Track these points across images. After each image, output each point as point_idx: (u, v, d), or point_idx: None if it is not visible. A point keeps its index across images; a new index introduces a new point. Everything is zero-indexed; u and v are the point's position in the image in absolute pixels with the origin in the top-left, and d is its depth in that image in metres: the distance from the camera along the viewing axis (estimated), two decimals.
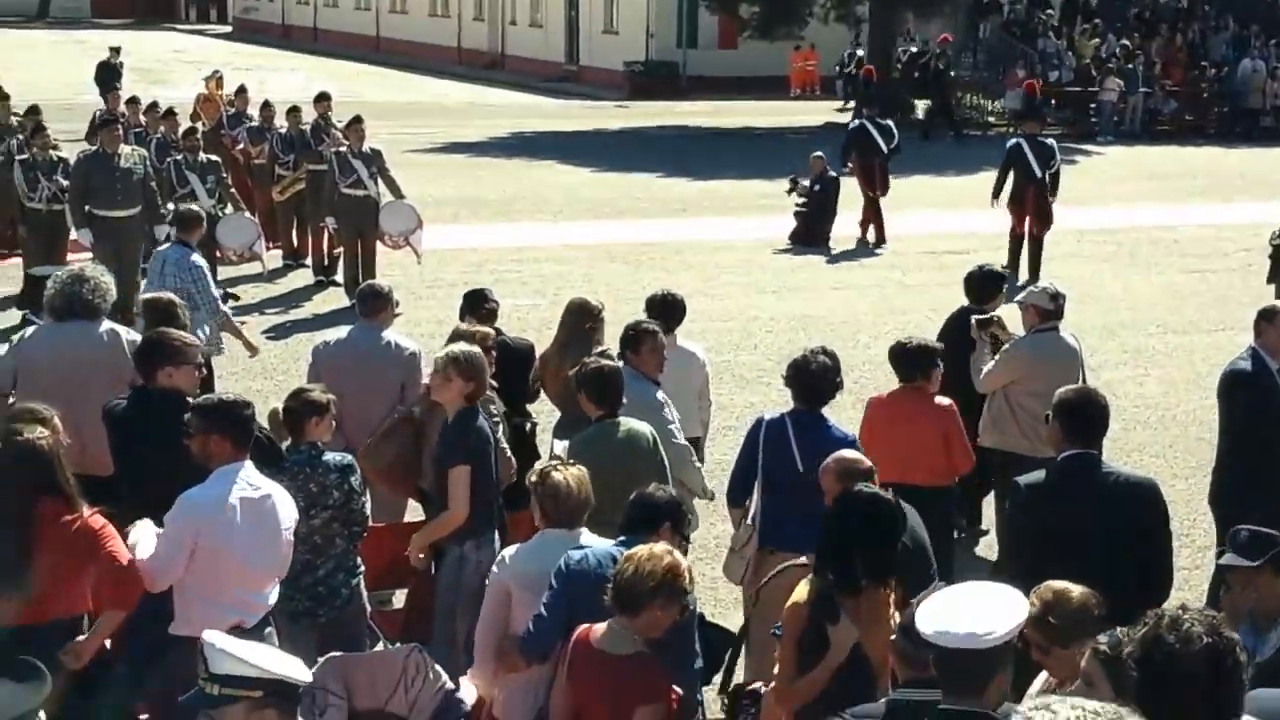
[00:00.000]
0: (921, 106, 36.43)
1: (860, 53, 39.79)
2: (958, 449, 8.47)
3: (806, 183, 21.06)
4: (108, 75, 31.57)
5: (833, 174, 21.01)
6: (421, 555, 7.49)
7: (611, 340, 8.74)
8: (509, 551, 6.37)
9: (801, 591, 5.66)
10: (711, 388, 9.49)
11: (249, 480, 6.30)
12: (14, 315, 14.92)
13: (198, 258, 11.49)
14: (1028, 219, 18.67)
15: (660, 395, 7.99)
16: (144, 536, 6.29)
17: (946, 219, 22.95)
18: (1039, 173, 18.54)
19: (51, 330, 8.37)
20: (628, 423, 7.36)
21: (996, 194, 18.95)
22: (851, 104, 36.78)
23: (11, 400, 7.78)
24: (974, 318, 9.53)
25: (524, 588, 6.10)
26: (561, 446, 7.44)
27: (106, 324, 8.40)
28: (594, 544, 6.01)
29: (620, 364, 7.74)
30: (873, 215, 21.13)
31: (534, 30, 51.30)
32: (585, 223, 22.71)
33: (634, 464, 7.11)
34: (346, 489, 7.04)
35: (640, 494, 6.18)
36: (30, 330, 8.69)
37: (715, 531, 9.39)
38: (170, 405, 6.86)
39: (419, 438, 7.91)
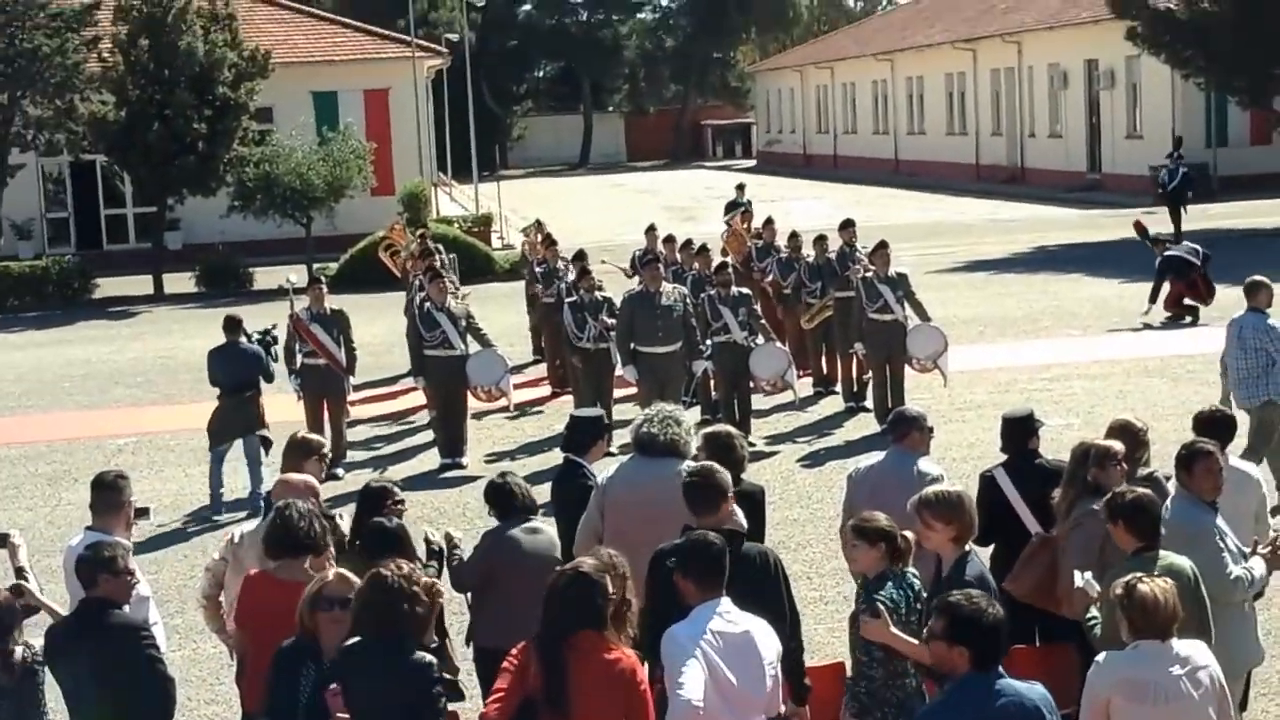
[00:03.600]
0: None
1: None
2: None
3: None
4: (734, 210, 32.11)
5: None
6: None
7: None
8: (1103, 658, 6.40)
9: None
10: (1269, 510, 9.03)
11: (726, 615, 6.42)
12: (556, 455, 15.80)
13: None
14: None
15: (1219, 521, 7.68)
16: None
17: None
18: None
19: (636, 466, 8.51)
20: (1167, 558, 7.08)
21: None
22: None
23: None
24: None
25: (1129, 698, 6.20)
26: (1082, 578, 7.22)
27: (688, 463, 8.30)
28: None
29: (1152, 493, 7.47)
30: None
31: (1053, 141, 50.64)
32: (1118, 336, 22.09)
33: None
34: None
35: None
36: (615, 466, 8.89)
37: None
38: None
39: (1054, 562, 8.02)
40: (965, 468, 13.83)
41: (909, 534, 7.26)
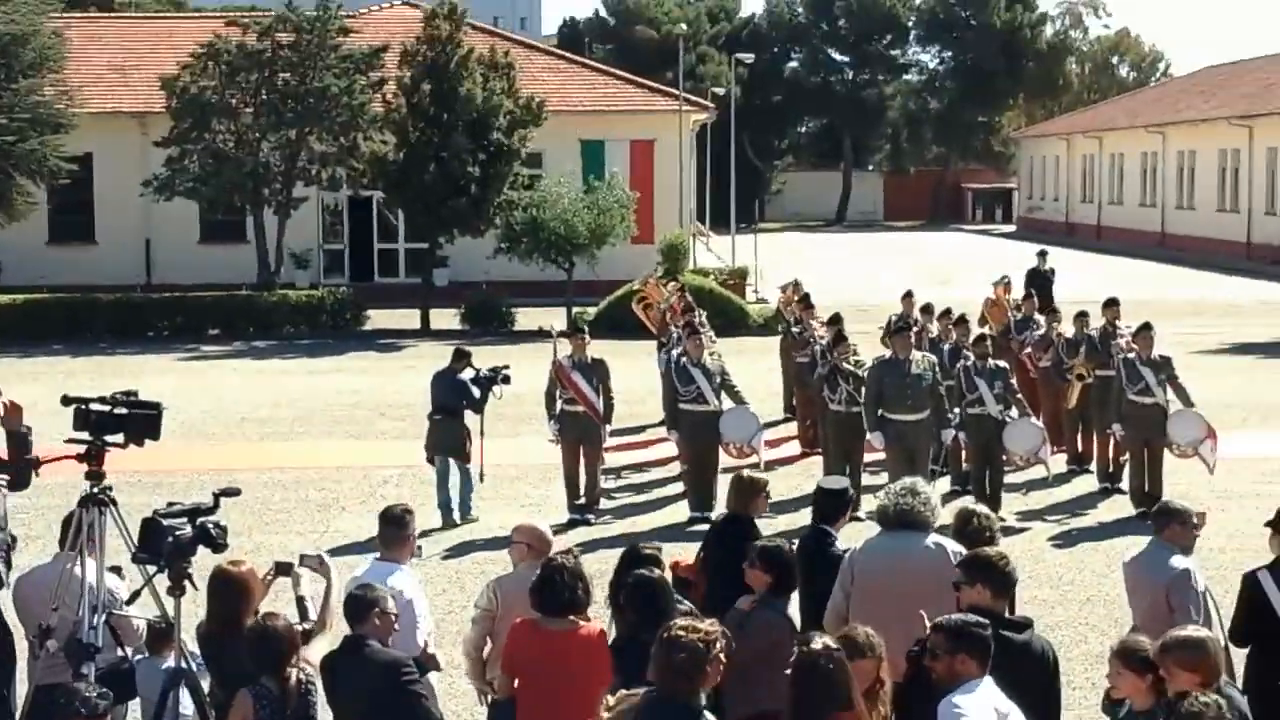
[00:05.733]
0: None
1: None
2: None
3: None
4: (1038, 281, 31.54)
5: None
6: None
7: None
8: None
9: None
10: None
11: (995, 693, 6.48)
12: (803, 515, 15.94)
13: None
14: None
15: None
16: None
17: None
18: None
19: (878, 541, 8.58)
20: None
21: None
22: None
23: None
24: None
25: None
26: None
27: (934, 536, 8.47)
28: None
29: None
30: None
31: None
32: None
33: None
34: None
35: None
36: (861, 541, 8.98)
37: None
38: None
39: None
40: (1224, 559, 13.60)
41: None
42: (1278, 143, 52.50)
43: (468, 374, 16.63)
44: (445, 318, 34.63)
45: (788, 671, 6.27)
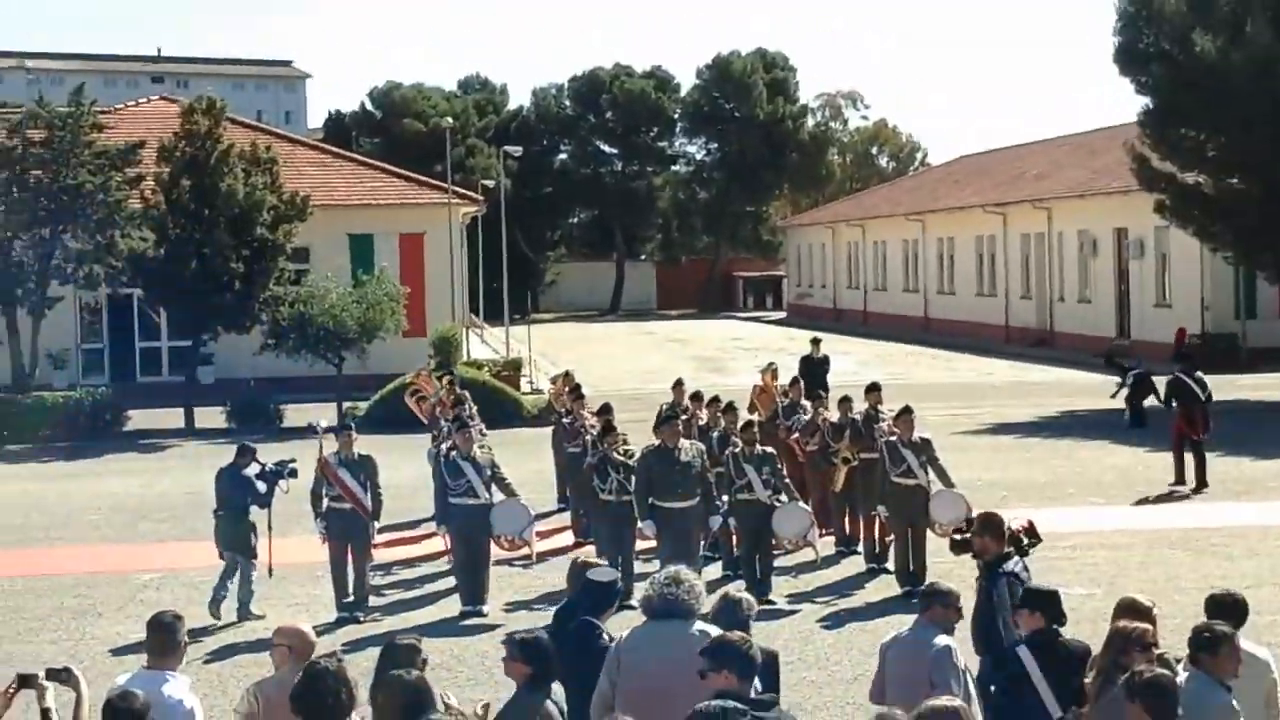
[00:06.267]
0: None
1: None
2: None
3: None
4: (812, 367, 31.15)
5: None
6: None
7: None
8: None
9: None
10: None
11: None
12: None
13: None
14: None
15: (1234, 703, 7.70)
16: None
17: None
18: None
19: (648, 630, 8.45)
20: None
21: None
22: None
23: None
24: None
25: None
26: None
27: (698, 624, 8.35)
28: None
29: (1170, 674, 7.50)
30: None
31: (1083, 305, 50.95)
32: (1142, 508, 22.07)
33: None
34: None
35: None
36: (626, 632, 8.90)
37: None
38: None
39: None
40: None
41: None
42: (1030, 229, 54.54)
43: (253, 469, 16.43)
44: (211, 416, 33.81)
45: None
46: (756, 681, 8.13)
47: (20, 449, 31.51)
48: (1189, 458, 23.51)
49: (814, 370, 31.54)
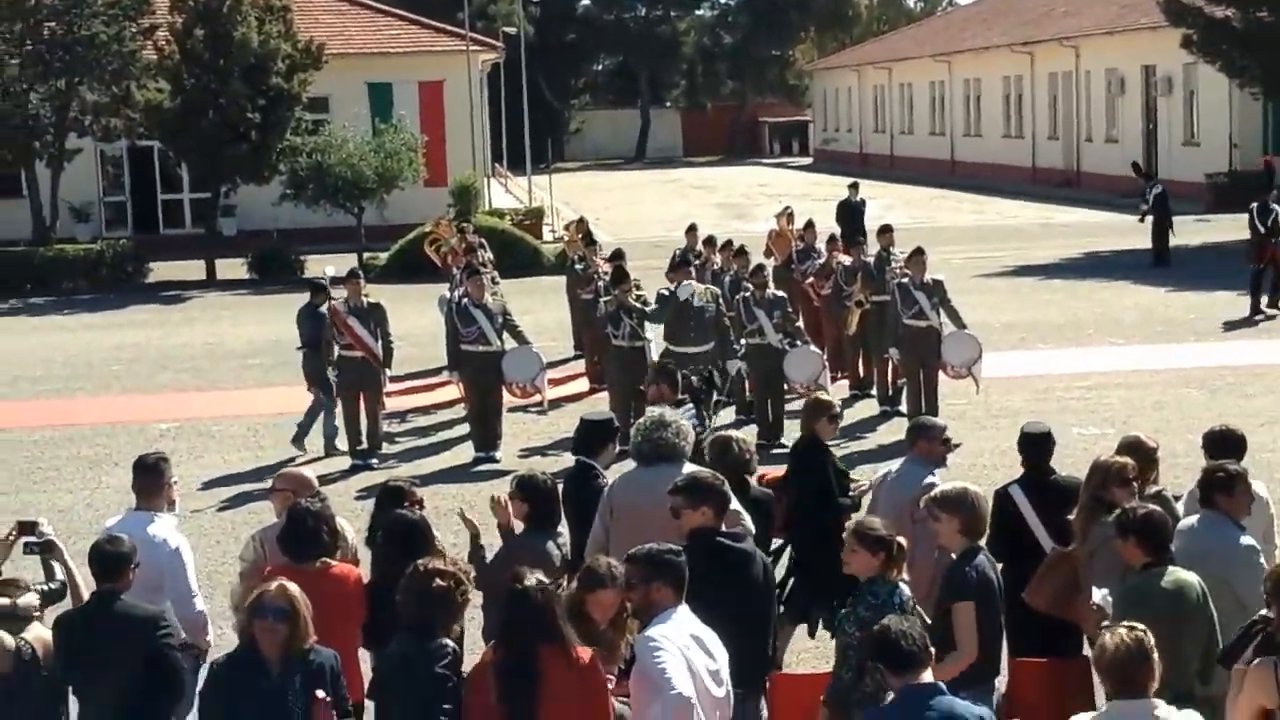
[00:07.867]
0: None
1: None
2: None
3: None
4: (849, 212, 31.78)
5: None
6: None
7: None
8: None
9: None
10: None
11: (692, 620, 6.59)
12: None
13: None
14: None
15: (1253, 540, 7.67)
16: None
17: None
18: None
19: (639, 474, 8.52)
20: (1174, 573, 7.10)
21: None
22: None
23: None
24: None
25: None
26: (1100, 595, 7.27)
27: (689, 466, 8.39)
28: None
29: (1161, 509, 7.47)
30: None
31: (1110, 145, 50.32)
32: (1160, 345, 21.97)
33: (1179, 618, 6.87)
34: None
35: None
36: (619, 476, 8.89)
37: None
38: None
39: (1073, 576, 8.04)
40: (996, 475, 13.78)
41: (903, 540, 7.35)
42: (1058, 68, 53.72)
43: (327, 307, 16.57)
44: (233, 268, 33.86)
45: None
46: (748, 520, 8.21)
47: (43, 301, 31.66)
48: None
49: (852, 213, 31.48)
